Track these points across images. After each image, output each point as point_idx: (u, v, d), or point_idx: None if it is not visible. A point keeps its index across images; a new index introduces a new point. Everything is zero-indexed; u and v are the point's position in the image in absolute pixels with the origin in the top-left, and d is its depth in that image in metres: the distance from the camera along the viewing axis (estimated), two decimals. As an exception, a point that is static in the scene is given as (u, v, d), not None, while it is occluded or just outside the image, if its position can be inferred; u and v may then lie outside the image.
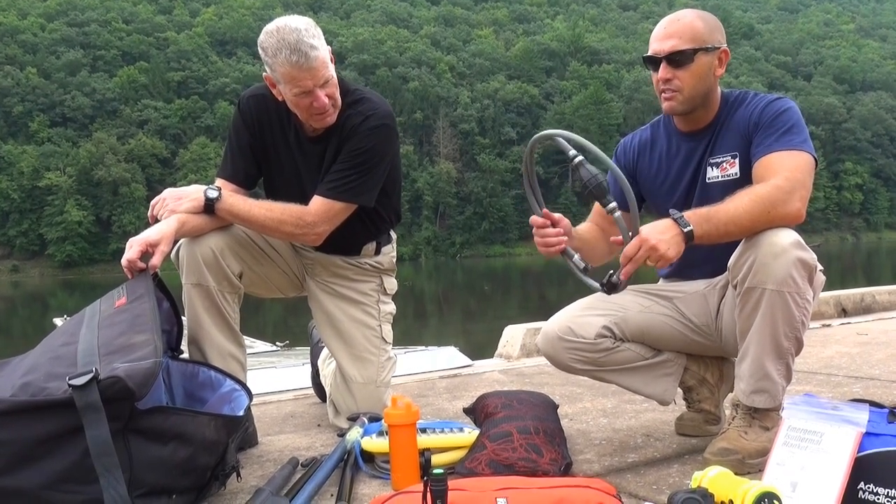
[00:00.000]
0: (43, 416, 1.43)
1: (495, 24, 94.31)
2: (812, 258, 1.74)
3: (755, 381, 1.78)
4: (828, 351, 3.54)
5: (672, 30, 1.89)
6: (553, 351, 1.96)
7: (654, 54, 1.90)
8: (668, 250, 1.69)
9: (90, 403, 1.41)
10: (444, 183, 67.62)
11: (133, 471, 1.47)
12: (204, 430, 1.63)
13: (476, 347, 6.02)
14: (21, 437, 1.42)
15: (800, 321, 1.75)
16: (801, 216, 1.76)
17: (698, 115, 1.95)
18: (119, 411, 1.45)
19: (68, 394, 1.41)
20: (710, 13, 1.98)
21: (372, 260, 2.42)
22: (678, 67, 1.87)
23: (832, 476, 1.42)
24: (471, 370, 3.56)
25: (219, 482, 1.73)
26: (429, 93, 73.99)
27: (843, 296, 5.06)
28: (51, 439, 1.42)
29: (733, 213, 1.72)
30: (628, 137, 2.17)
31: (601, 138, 70.40)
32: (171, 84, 71.12)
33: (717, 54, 1.90)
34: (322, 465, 1.86)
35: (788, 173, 1.75)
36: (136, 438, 1.49)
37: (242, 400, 1.93)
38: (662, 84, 1.90)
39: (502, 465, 1.74)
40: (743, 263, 1.74)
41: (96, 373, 1.43)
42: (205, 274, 2.16)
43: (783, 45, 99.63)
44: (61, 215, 57.57)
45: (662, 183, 2.04)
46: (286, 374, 3.65)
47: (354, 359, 2.37)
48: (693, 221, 1.72)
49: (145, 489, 1.50)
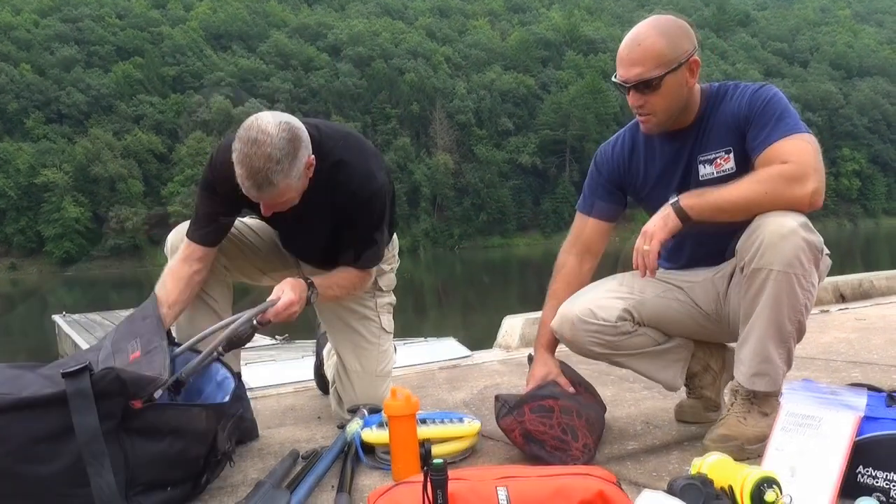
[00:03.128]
0: (38, 413, 1.44)
1: (491, 14, 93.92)
2: (819, 241, 1.74)
3: (757, 363, 1.78)
4: (826, 336, 3.54)
5: (635, 56, 1.83)
6: (572, 333, 1.97)
7: (621, 82, 1.87)
8: (655, 227, 1.76)
9: (80, 390, 1.42)
10: (442, 175, 67.47)
11: (130, 469, 1.48)
12: (196, 422, 1.64)
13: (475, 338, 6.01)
14: (20, 433, 1.43)
15: (804, 305, 1.75)
16: (813, 201, 1.73)
17: (679, 119, 1.92)
18: (112, 408, 1.46)
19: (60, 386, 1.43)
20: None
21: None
22: (648, 92, 1.85)
23: (831, 461, 1.42)
24: (470, 361, 3.57)
25: (210, 470, 1.73)
26: (425, 84, 73.75)
27: (842, 281, 5.07)
28: (50, 437, 1.43)
29: (728, 192, 1.76)
30: (608, 145, 2.12)
31: (598, 128, 70.38)
32: (166, 79, 70.83)
33: (685, 68, 1.84)
34: (323, 457, 1.86)
35: (796, 158, 1.74)
36: (131, 437, 1.51)
37: (229, 384, 1.93)
38: (636, 109, 1.89)
39: (534, 438, 1.77)
40: (751, 245, 1.74)
41: (89, 365, 1.44)
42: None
43: (779, 31, 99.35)
44: (58, 212, 57.39)
45: (653, 187, 2.02)
46: (286, 368, 3.66)
47: (355, 349, 2.37)
48: (683, 196, 1.78)
49: (142, 486, 1.51)
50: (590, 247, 2.11)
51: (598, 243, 2.12)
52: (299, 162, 1.92)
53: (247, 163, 1.85)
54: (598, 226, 2.11)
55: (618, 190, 2.09)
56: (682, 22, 1.88)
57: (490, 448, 2.02)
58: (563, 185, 69.54)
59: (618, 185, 2.08)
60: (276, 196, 1.94)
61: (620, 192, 2.09)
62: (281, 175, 1.88)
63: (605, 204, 2.10)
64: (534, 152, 71.40)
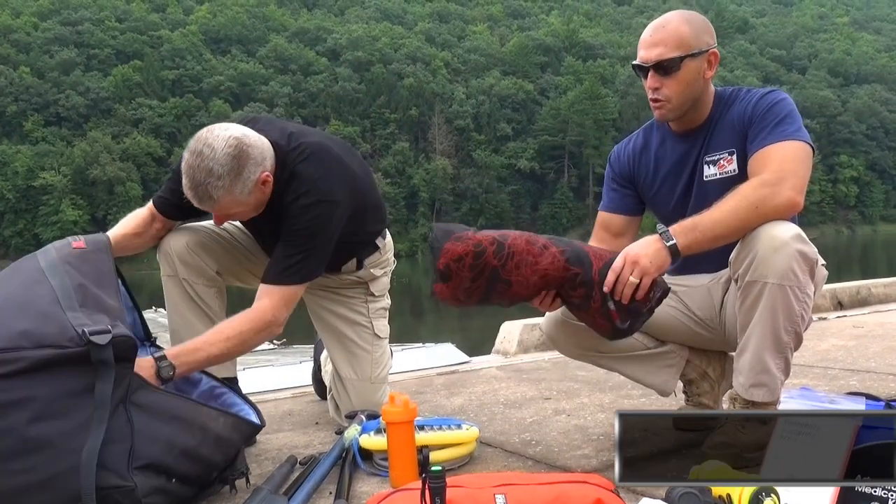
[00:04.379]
0: (62, 369, 1.47)
1: (490, 19, 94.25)
2: (813, 251, 1.74)
3: (755, 374, 1.78)
4: (824, 344, 3.55)
5: (658, 37, 1.87)
6: (557, 333, 1.98)
7: (641, 62, 1.89)
8: (650, 264, 1.68)
9: (104, 359, 1.47)
10: (440, 179, 67.55)
11: (134, 441, 1.50)
12: (207, 420, 1.63)
13: (473, 344, 6.02)
14: (47, 390, 1.45)
15: (800, 315, 1.75)
16: (795, 205, 1.74)
17: (691, 116, 1.94)
18: (123, 372, 1.50)
19: (82, 345, 1.46)
20: (699, 12, 1.97)
21: (353, 276, 2.39)
22: (666, 75, 1.86)
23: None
24: (468, 367, 3.56)
25: (225, 484, 1.72)
26: (424, 89, 73.91)
27: (839, 289, 5.07)
28: (75, 393, 1.46)
29: (718, 216, 1.72)
30: (621, 144, 2.15)
31: (597, 133, 70.57)
32: (165, 82, 70.94)
33: (705, 57, 1.88)
34: (320, 463, 1.86)
35: (776, 165, 1.75)
36: (137, 412, 1.52)
37: (232, 399, 1.94)
38: (651, 92, 1.90)
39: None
40: (744, 258, 1.74)
41: (111, 331, 1.48)
42: (179, 267, 2.21)
43: (778, 38, 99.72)
44: (57, 215, 57.41)
45: (661, 186, 2.03)
46: (284, 372, 3.65)
47: (347, 356, 2.37)
48: (677, 233, 1.71)
49: (145, 461, 1.51)
50: (605, 239, 2.09)
51: (615, 236, 2.09)
52: (245, 179, 1.90)
53: (190, 174, 1.87)
54: (613, 219, 2.11)
55: (629, 185, 2.09)
56: (705, 18, 1.93)
57: (488, 455, 2.02)
58: (561, 191, 69.64)
59: (629, 181, 2.09)
60: (220, 209, 1.95)
61: (632, 188, 2.09)
62: (222, 191, 1.88)
63: (618, 198, 2.11)
64: (532, 157, 71.54)
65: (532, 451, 2.03)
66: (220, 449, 1.68)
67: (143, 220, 2.22)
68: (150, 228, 2.22)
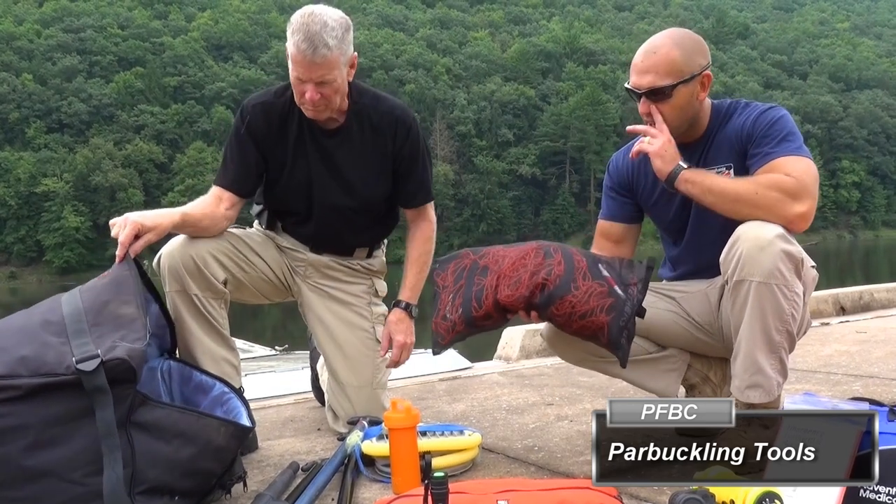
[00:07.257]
0: (54, 396, 1.45)
1: (491, 25, 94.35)
2: (798, 251, 1.75)
3: (748, 375, 1.78)
4: (827, 349, 3.54)
5: (649, 63, 1.86)
6: (558, 339, 1.97)
7: (633, 88, 1.89)
8: (662, 148, 1.84)
9: (98, 386, 1.45)
10: (442, 185, 67.51)
11: (135, 465, 1.48)
12: (210, 433, 1.63)
13: (475, 349, 5.99)
14: (39, 418, 1.44)
15: (790, 314, 1.75)
16: (800, 223, 1.76)
17: (687, 132, 1.94)
18: (123, 394, 1.47)
19: (74, 373, 1.44)
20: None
21: (363, 262, 2.42)
22: (658, 102, 1.87)
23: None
24: (470, 372, 3.56)
25: (224, 490, 1.72)
26: (425, 95, 73.98)
27: (842, 294, 5.06)
28: (67, 420, 1.45)
29: (726, 179, 1.82)
30: (620, 153, 2.15)
31: (598, 139, 70.57)
32: (167, 89, 71.04)
33: (698, 80, 1.88)
34: (323, 470, 1.85)
35: (799, 175, 1.76)
36: (138, 433, 1.51)
37: (235, 403, 1.93)
38: (645, 117, 1.91)
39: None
40: (731, 258, 1.75)
41: (101, 355, 1.45)
42: (187, 282, 2.14)
43: (778, 44, 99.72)
44: (59, 221, 57.47)
45: (660, 196, 2.03)
46: (286, 379, 3.64)
47: (348, 362, 2.36)
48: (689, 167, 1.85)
49: (147, 486, 1.50)
50: (605, 247, 2.11)
51: (615, 243, 2.11)
52: (349, 43, 2.08)
53: (304, 29, 2.00)
54: (613, 227, 2.11)
55: (627, 193, 2.10)
56: (698, 37, 1.92)
57: (491, 461, 2.01)
58: (562, 196, 69.63)
59: (628, 190, 2.10)
60: (327, 68, 2.03)
61: (630, 196, 2.10)
62: (335, 41, 2.02)
63: (617, 206, 2.12)
64: (534, 163, 71.53)
65: (534, 457, 2.03)
66: (219, 458, 1.67)
67: (208, 203, 2.22)
68: (218, 209, 2.22)
